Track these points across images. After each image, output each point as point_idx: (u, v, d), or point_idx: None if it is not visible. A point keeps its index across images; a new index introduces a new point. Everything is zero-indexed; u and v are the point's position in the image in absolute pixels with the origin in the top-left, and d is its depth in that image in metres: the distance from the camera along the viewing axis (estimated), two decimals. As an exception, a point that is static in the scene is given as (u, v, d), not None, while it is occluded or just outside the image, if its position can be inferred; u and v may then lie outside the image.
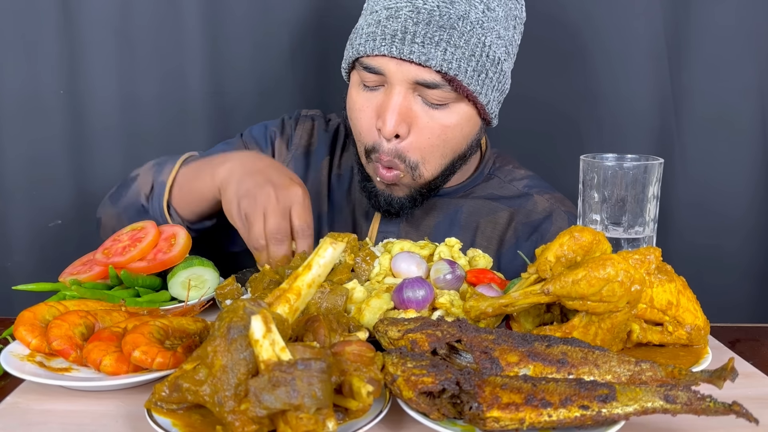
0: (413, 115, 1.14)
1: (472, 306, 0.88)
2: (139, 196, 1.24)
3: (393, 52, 1.10)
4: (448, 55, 1.09)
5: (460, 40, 1.10)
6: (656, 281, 0.89)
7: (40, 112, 1.60)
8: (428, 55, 1.09)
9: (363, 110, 1.17)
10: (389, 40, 1.10)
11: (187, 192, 1.20)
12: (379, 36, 1.11)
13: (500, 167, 1.35)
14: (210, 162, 1.19)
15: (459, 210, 1.29)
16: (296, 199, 1.07)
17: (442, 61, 1.09)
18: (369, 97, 1.16)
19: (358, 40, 1.15)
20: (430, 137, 1.15)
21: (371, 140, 1.17)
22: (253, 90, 1.64)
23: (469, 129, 1.19)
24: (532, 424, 0.68)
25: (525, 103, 1.61)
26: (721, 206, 1.65)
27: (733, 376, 0.74)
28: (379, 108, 1.15)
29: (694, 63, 1.61)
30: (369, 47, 1.12)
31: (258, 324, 0.68)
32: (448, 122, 1.15)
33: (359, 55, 1.14)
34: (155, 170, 1.25)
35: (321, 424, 0.64)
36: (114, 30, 1.58)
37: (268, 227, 1.05)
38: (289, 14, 1.61)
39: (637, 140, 1.64)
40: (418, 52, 1.09)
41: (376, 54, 1.12)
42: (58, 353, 0.85)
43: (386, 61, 1.11)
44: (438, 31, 1.10)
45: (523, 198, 1.30)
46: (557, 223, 1.27)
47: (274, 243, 1.05)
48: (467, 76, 1.11)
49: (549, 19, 1.59)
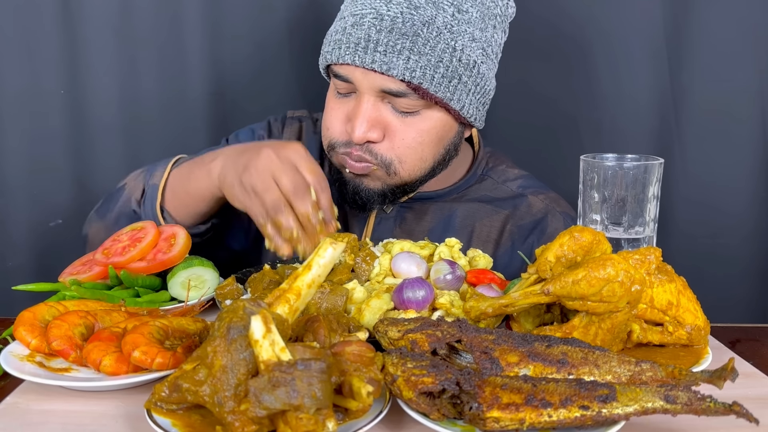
0: (385, 122, 1.13)
1: (472, 306, 0.88)
2: (129, 203, 1.21)
3: (356, 61, 1.09)
4: (411, 63, 1.08)
5: (425, 47, 1.08)
6: (656, 281, 0.89)
7: (40, 111, 1.60)
8: (389, 65, 1.08)
9: (334, 110, 1.17)
10: (353, 49, 1.09)
11: (182, 194, 1.16)
12: (344, 44, 1.11)
13: (493, 167, 1.33)
14: (201, 161, 1.15)
15: (453, 214, 1.27)
16: (299, 154, 1.02)
17: (404, 70, 1.08)
18: (342, 102, 1.16)
19: (327, 47, 1.15)
20: (405, 140, 1.14)
21: (339, 138, 1.16)
22: (252, 90, 1.64)
23: (444, 133, 1.17)
24: (532, 424, 0.68)
25: (525, 103, 1.61)
26: (721, 206, 1.65)
27: (733, 376, 0.74)
28: (349, 113, 1.14)
29: (694, 63, 1.61)
30: (335, 55, 1.12)
31: (258, 324, 0.68)
32: (423, 127, 1.14)
33: (327, 62, 1.14)
34: (145, 175, 1.21)
35: (321, 424, 0.64)
36: (114, 30, 1.58)
37: (283, 187, 0.98)
38: (289, 14, 1.61)
39: (637, 140, 1.64)
40: (379, 61, 1.08)
41: (341, 63, 1.11)
42: (57, 353, 0.85)
43: (352, 69, 1.11)
44: (400, 39, 1.08)
45: (517, 199, 1.29)
46: (553, 225, 1.26)
47: (296, 199, 0.98)
48: (434, 84, 1.10)
49: (549, 18, 1.59)
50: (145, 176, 1.21)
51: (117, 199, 1.23)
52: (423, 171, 1.18)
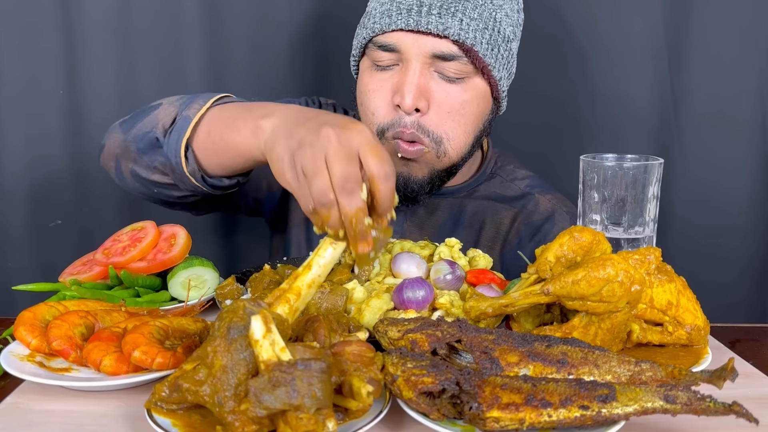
0: (430, 92, 1.14)
1: (472, 306, 0.88)
2: (155, 127, 1.07)
3: (410, 24, 1.10)
4: (464, 25, 1.10)
5: (474, 12, 1.11)
6: (656, 281, 0.89)
7: (40, 111, 1.60)
8: (446, 25, 1.10)
9: (377, 90, 1.16)
10: (405, 14, 1.11)
11: (218, 140, 1.02)
12: (395, 11, 1.12)
13: (502, 166, 1.36)
14: (250, 112, 0.99)
15: (463, 210, 1.30)
16: (363, 137, 0.84)
17: (459, 31, 1.10)
18: (383, 78, 1.16)
19: (372, 20, 1.15)
20: (450, 112, 1.15)
21: (387, 118, 1.15)
22: (253, 90, 1.64)
23: (483, 106, 1.19)
24: (532, 424, 0.68)
25: (525, 102, 1.60)
26: (721, 206, 1.65)
27: (733, 376, 0.74)
28: (395, 86, 1.14)
29: (694, 63, 1.61)
30: (385, 23, 1.12)
31: (258, 324, 0.68)
32: (465, 97, 1.15)
33: (374, 33, 1.14)
34: (182, 102, 1.08)
35: (321, 424, 0.64)
36: (114, 30, 1.58)
37: (334, 174, 0.82)
38: (289, 14, 1.61)
39: (637, 140, 1.64)
40: (435, 22, 1.10)
41: (392, 29, 1.12)
42: (58, 353, 0.85)
43: (402, 36, 1.12)
44: (453, 3, 1.11)
45: (525, 198, 1.31)
46: (559, 224, 1.28)
47: (343, 195, 0.82)
48: (483, 48, 1.12)
49: (549, 18, 1.59)
50: (182, 104, 1.07)
51: (145, 116, 1.10)
52: (466, 148, 1.20)
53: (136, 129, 1.10)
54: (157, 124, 1.07)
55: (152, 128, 1.07)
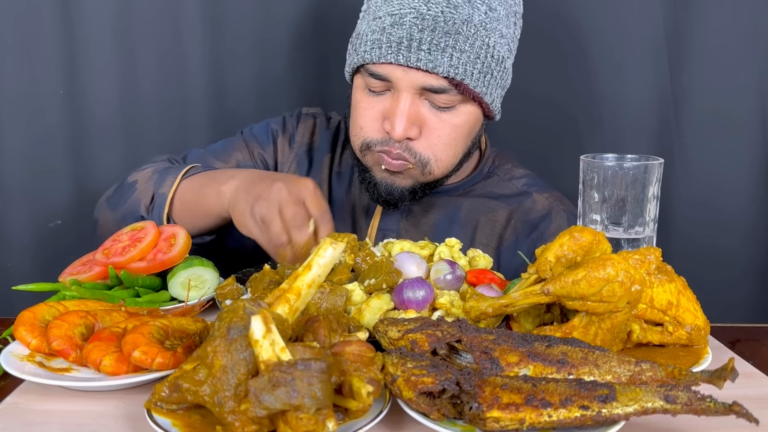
0: (423, 119, 1.15)
1: (472, 306, 0.88)
2: (138, 206, 1.23)
3: (400, 60, 1.10)
4: (454, 60, 1.10)
5: (465, 45, 1.11)
6: (656, 281, 0.89)
7: (40, 111, 1.60)
8: (435, 62, 1.10)
9: (368, 110, 1.18)
10: (395, 48, 1.11)
11: (190, 208, 1.18)
12: (385, 44, 1.12)
13: (499, 165, 1.36)
14: (214, 180, 1.17)
15: (459, 208, 1.30)
16: (307, 189, 1.05)
17: (449, 67, 1.10)
18: (375, 101, 1.17)
19: (363, 47, 1.15)
20: (441, 136, 1.16)
21: (376, 136, 1.17)
22: (252, 90, 1.64)
23: (474, 127, 1.21)
24: (532, 424, 0.68)
25: (525, 102, 1.61)
26: (721, 206, 1.65)
27: (733, 376, 0.74)
28: (386, 112, 1.16)
29: (694, 63, 1.61)
30: (375, 55, 1.13)
31: (258, 324, 0.68)
32: (456, 122, 1.17)
33: (365, 62, 1.15)
34: (156, 180, 1.23)
35: (321, 424, 0.64)
36: (114, 30, 1.58)
37: (285, 217, 1.02)
38: (288, 14, 1.61)
39: (637, 140, 1.64)
40: (425, 59, 1.10)
41: (382, 62, 1.12)
42: (58, 353, 0.85)
43: (392, 68, 1.12)
44: (444, 37, 1.10)
45: (522, 196, 1.31)
46: (557, 222, 1.28)
47: (294, 229, 1.02)
48: (473, 79, 1.13)
49: (549, 19, 1.59)
50: (156, 182, 1.22)
51: (127, 195, 1.24)
52: (453, 166, 1.23)
53: (123, 208, 1.24)
54: (139, 203, 1.23)
55: (136, 208, 1.23)
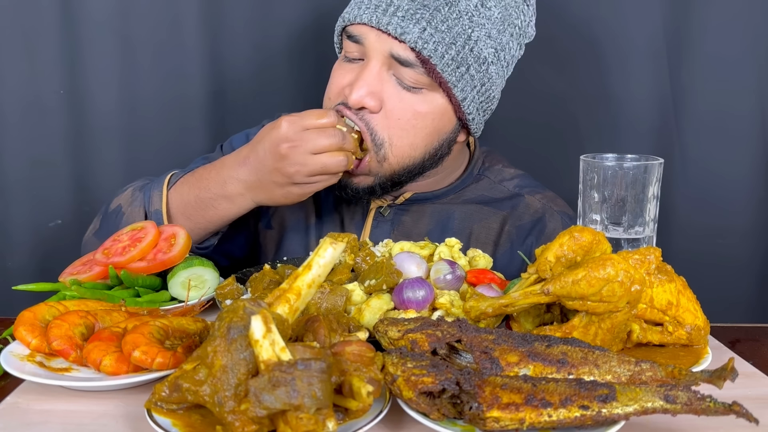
0: (385, 94, 1.13)
1: (472, 306, 0.88)
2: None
3: (372, 21, 1.11)
4: (425, 35, 1.09)
5: (442, 25, 1.10)
6: (656, 281, 0.89)
7: (40, 112, 1.60)
8: (404, 29, 1.09)
9: (337, 78, 1.18)
10: (372, 9, 1.11)
11: (201, 221, 1.17)
12: (365, 5, 1.13)
13: (490, 167, 1.33)
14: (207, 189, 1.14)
15: (451, 216, 1.27)
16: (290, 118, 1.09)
17: (418, 39, 1.09)
18: (348, 69, 1.17)
19: (347, 9, 1.17)
20: (400, 119, 1.14)
21: (336, 100, 1.17)
22: (252, 90, 1.64)
23: (442, 124, 1.17)
24: (532, 424, 0.68)
25: (525, 102, 1.61)
26: (721, 206, 1.65)
27: (733, 376, 0.74)
28: (352, 80, 1.15)
29: (694, 62, 1.61)
30: (353, 14, 1.14)
31: (258, 324, 0.68)
32: (420, 108, 1.14)
33: (345, 22, 1.16)
34: (142, 199, 1.19)
35: (321, 424, 0.64)
36: (114, 30, 1.58)
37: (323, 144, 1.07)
38: (288, 15, 1.61)
39: (637, 140, 1.64)
40: (395, 24, 1.09)
41: (357, 22, 1.13)
42: (58, 353, 0.85)
43: (367, 30, 1.12)
44: (421, 9, 1.10)
45: (515, 199, 1.28)
46: (551, 224, 1.26)
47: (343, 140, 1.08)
48: (442, 62, 1.10)
49: (549, 19, 1.59)
50: (144, 202, 1.19)
51: (114, 222, 1.20)
52: (411, 160, 1.17)
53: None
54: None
55: None
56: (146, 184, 1.22)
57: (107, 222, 1.22)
